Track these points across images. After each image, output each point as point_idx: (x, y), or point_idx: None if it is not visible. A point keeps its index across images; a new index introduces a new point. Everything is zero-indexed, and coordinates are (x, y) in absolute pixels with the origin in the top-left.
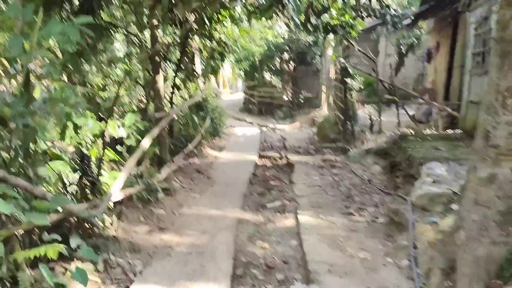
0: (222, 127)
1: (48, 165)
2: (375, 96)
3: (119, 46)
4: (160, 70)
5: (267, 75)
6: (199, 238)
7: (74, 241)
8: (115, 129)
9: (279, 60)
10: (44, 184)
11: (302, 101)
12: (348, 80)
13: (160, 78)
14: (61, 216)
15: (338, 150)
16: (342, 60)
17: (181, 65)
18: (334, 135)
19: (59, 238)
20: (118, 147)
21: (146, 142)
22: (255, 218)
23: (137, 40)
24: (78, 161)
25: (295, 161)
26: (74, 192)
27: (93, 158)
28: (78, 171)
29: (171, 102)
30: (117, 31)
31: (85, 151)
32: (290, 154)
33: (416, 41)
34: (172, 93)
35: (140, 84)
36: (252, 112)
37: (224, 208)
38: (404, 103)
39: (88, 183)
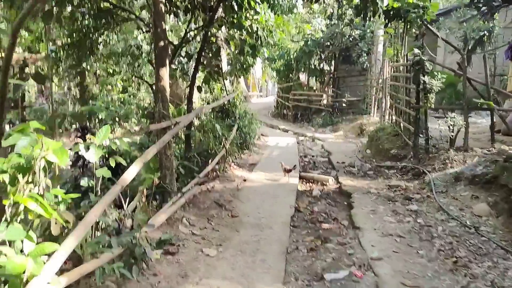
0: (252, 137)
1: None
2: (457, 100)
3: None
4: (166, 62)
5: (303, 76)
6: None
7: None
8: (64, 154)
9: (318, 58)
10: None
11: (344, 106)
12: (425, 78)
13: (165, 73)
14: None
15: (408, 172)
16: (417, 51)
17: (203, 60)
18: (397, 150)
19: None
20: (83, 182)
21: (131, 172)
22: None
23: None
24: None
25: (350, 186)
26: None
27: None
28: None
29: (189, 106)
30: (129, 18)
31: None
32: (340, 175)
33: (487, 35)
34: (190, 94)
35: (147, 82)
36: (286, 118)
37: (255, 281)
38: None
39: None
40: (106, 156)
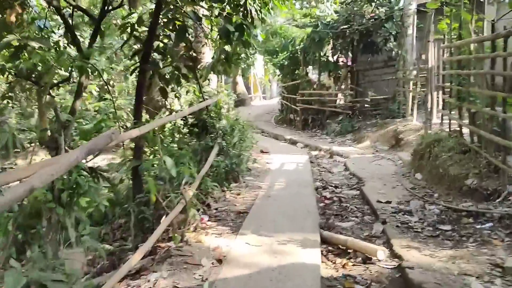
0: (244, 161)
1: None
2: None
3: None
4: None
5: (312, 71)
6: None
7: None
8: None
9: (330, 48)
10: None
11: (368, 107)
12: None
13: None
14: None
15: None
16: None
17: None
18: (477, 179)
19: None
20: None
21: None
22: None
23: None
24: None
25: (421, 270)
26: None
27: None
28: None
29: (136, 122)
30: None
31: None
32: (392, 234)
33: None
34: (137, 102)
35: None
36: (293, 125)
37: None
38: None
39: None
40: None
